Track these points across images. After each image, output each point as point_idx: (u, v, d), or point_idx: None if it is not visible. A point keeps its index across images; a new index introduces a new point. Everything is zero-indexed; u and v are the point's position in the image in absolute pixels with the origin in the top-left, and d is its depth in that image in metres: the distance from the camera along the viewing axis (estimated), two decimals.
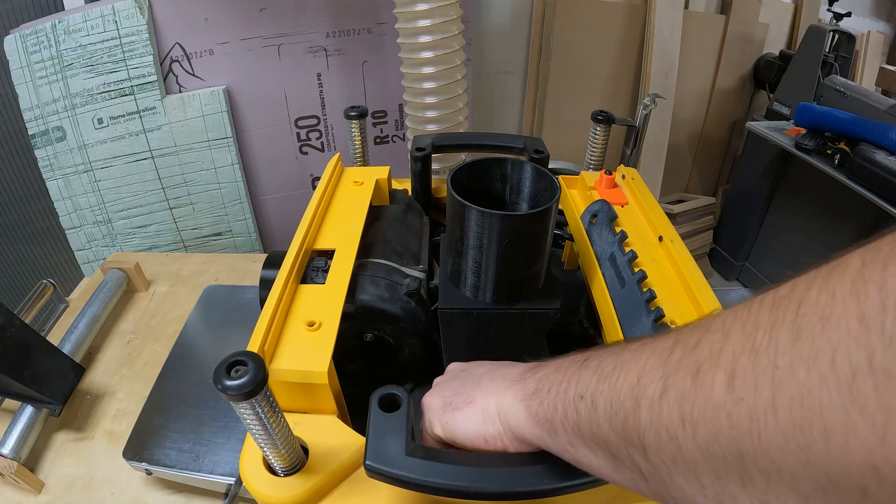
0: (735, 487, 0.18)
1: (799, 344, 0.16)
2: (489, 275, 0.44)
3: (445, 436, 0.34)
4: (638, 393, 0.22)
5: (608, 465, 0.25)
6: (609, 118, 0.64)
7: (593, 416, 0.24)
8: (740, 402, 0.17)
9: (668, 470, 0.21)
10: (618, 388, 0.23)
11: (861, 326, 0.15)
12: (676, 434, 0.20)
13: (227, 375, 0.27)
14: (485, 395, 0.32)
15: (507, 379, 0.32)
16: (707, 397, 0.19)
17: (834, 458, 0.15)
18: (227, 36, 1.10)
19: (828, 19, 1.70)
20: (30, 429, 0.61)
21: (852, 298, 0.15)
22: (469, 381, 0.35)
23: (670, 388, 0.20)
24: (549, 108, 1.51)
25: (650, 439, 0.21)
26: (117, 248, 1.20)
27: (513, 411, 0.30)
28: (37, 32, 1.00)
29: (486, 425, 0.31)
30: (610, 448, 0.24)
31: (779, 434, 0.16)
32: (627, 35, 1.52)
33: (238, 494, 0.55)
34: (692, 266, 0.46)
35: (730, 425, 0.18)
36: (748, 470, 0.18)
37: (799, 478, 0.16)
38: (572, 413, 0.25)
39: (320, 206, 0.54)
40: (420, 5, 0.84)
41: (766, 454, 0.17)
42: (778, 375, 0.17)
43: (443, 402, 0.34)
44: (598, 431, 0.24)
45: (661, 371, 0.21)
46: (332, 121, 1.26)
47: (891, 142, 1.21)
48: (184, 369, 0.69)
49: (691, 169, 1.92)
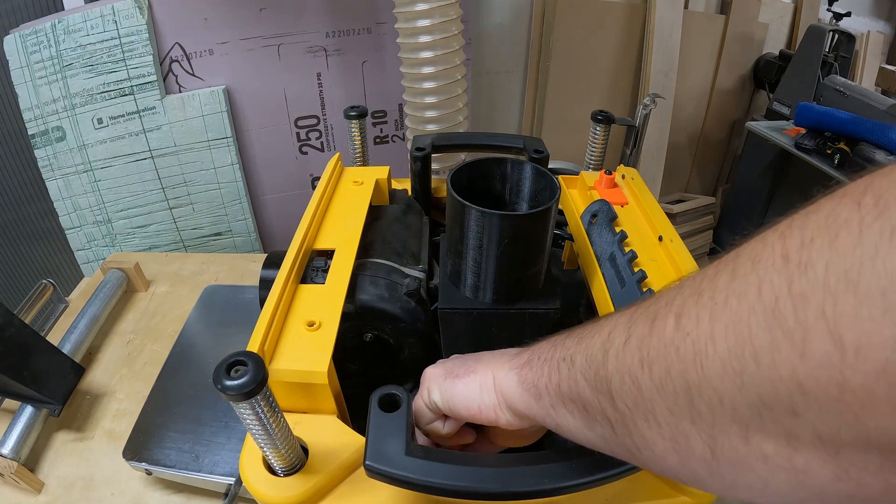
0: (686, 423, 0.20)
1: (734, 282, 0.18)
2: (489, 275, 0.44)
3: (442, 402, 0.35)
4: (607, 345, 0.24)
5: (583, 423, 0.26)
6: (609, 118, 0.64)
7: (571, 372, 0.26)
8: (685, 336, 0.19)
9: (631, 415, 0.22)
10: (592, 344, 0.25)
11: (783, 261, 0.17)
12: (637, 375, 0.22)
13: (227, 375, 0.27)
14: (485, 368, 0.34)
15: (507, 354, 0.33)
16: (660, 337, 0.21)
17: (764, 377, 0.17)
18: (226, 36, 1.10)
19: (828, 19, 1.71)
20: (30, 429, 0.61)
21: (779, 241, 0.17)
22: (472, 357, 0.36)
23: (632, 336, 0.22)
24: (549, 108, 1.51)
25: (616, 385, 0.23)
26: (117, 248, 1.20)
27: (506, 381, 0.31)
28: (36, 32, 1.00)
29: (483, 395, 0.32)
30: (585, 403, 0.25)
31: (717, 362, 0.18)
32: (627, 35, 1.52)
33: (238, 494, 0.55)
34: (692, 266, 0.46)
35: (678, 359, 0.20)
36: (695, 402, 0.19)
37: (738, 404, 0.18)
38: (555, 374, 0.27)
39: (320, 206, 0.54)
40: (420, 5, 0.84)
41: (709, 383, 0.18)
42: (716, 310, 0.19)
43: (444, 371, 0.36)
44: (575, 388, 0.26)
45: (627, 324, 0.23)
46: (332, 121, 1.26)
47: (891, 142, 1.21)
48: (184, 369, 0.69)
49: (691, 169, 1.92)
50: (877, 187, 0.16)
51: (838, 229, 0.16)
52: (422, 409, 0.37)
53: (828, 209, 0.17)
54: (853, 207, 0.16)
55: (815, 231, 0.16)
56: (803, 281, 0.16)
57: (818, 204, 0.17)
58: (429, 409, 0.36)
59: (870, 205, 0.15)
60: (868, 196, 0.16)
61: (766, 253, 0.18)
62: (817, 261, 0.16)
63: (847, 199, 0.16)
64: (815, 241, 0.16)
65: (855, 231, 0.15)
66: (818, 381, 0.15)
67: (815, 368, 0.15)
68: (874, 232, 0.15)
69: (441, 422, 0.37)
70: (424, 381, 0.37)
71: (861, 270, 0.15)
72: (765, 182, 1.66)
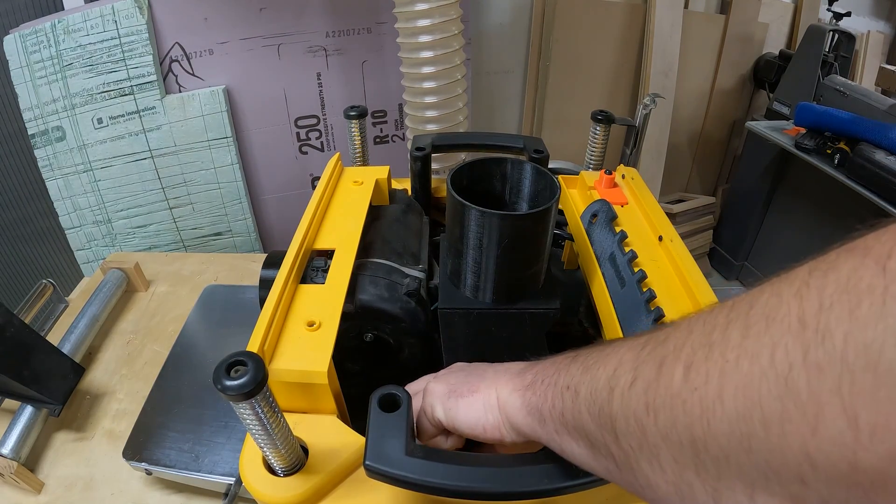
0: (691, 474, 0.20)
1: (746, 340, 0.18)
2: (489, 275, 0.44)
3: (446, 421, 0.34)
4: (613, 382, 0.23)
5: (587, 454, 0.26)
6: (609, 118, 0.64)
7: (575, 404, 0.26)
8: (694, 391, 0.19)
9: (635, 456, 0.22)
10: (597, 378, 0.25)
11: (799, 325, 0.16)
12: (641, 420, 0.21)
13: (227, 375, 0.27)
14: (488, 386, 0.33)
15: (509, 373, 0.33)
16: (667, 386, 0.20)
17: (773, 445, 0.16)
18: (226, 36, 1.10)
19: (828, 19, 1.70)
20: (30, 429, 0.61)
21: (795, 301, 0.16)
22: (474, 374, 0.36)
23: (639, 378, 0.22)
24: (548, 108, 1.51)
25: (621, 425, 0.22)
26: (117, 248, 1.20)
27: (510, 402, 0.31)
28: (36, 32, 1.00)
29: (487, 414, 0.32)
30: (589, 436, 0.25)
31: (725, 422, 0.18)
32: (627, 35, 1.52)
33: (238, 494, 0.55)
34: (692, 266, 0.46)
35: (684, 412, 0.19)
36: (701, 456, 0.19)
37: (744, 465, 0.17)
38: (559, 402, 0.27)
39: (320, 205, 0.54)
40: (420, 5, 0.84)
41: (715, 440, 0.18)
42: (726, 368, 0.18)
43: (447, 388, 0.35)
44: (580, 419, 0.25)
45: (633, 363, 0.23)
46: (332, 120, 1.26)
47: (891, 141, 1.21)
48: (184, 369, 0.69)
49: (691, 169, 1.92)
50: None
51: (861, 297, 0.15)
52: (424, 424, 0.36)
53: (849, 269, 0.15)
54: (877, 272, 0.15)
55: (836, 295, 0.15)
56: (820, 351, 0.15)
57: (837, 258, 0.16)
58: (432, 426, 0.36)
59: (895, 270, 0.14)
60: (894, 260, 0.14)
61: (781, 312, 0.17)
62: (836, 330, 0.15)
63: (870, 261, 0.15)
64: (833, 308, 0.15)
65: (878, 302, 0.14)
66: (829, 458, 0.15)
67: (827, 445, 0.15)
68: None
69: (444, 437, 0.36)
70: (427, 396, 0.36)
71: (883, 348, 0.14)
72: (765, 182, 1.66)
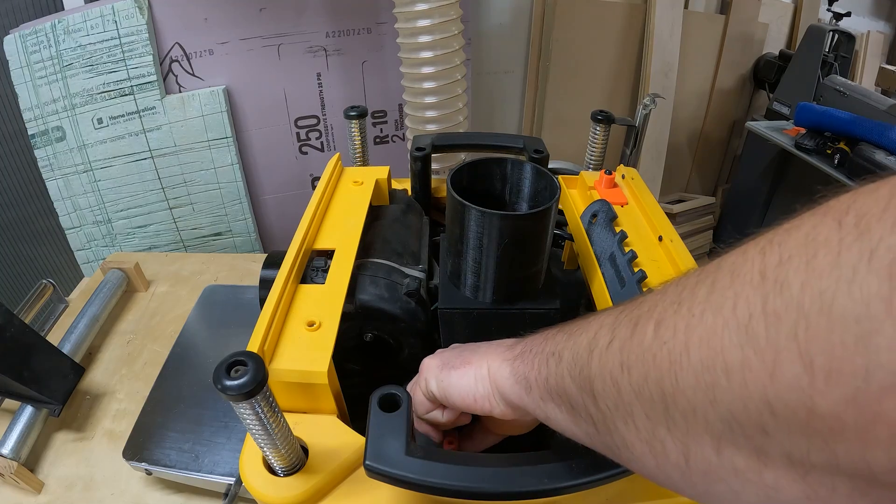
0: (662, 430, 0.20)
1: (712, 295, 0.18)
2: (489, 275, 0.44)
3: (439, 393, 0.36)
4: (592, 345, 0.24)
5: (569, 418, 0.26)
6: (609, 118, 0.64)
7: (559, 369, 0.26)
8: (663, 345, 0.20)
9: (612, 415, 0.23)
10: (579, 342, 0.25)
11: (760, 277, 0.17)
12: (617, 378, 0.22)
13: (227, 375, 0.27)
14: (480, 358, 0.34)
15: (502, 346, 0.34)
16: (639, 343, 0.21)
17: (735, 394, 0.17)
18: (226, 36, 1.10)
19: (828, 19, 1.71)
20: (30, 429, 0.61)
21: (759, 256, 0.17)
22: (468, 349, 0.37)
23: (615, 338, 0.23)
24: (549, 108, 1.51)
25: (598, 385, 0.23)
26: (117, 248, 1.20)
27: (500, 372, 0.32)
28: (36, 32, 1.00)
29: (477, 385, 0.33)
30: (570, 400, 0.26)
31: (691, 373, 0.18)
32: (627, 35, 1.52)
33: (238, 494, 0.55)
34: (692, 266, 0.46)
35: (655, 366, 0.20)
36: (670, 410, 0.19)
37: (710, 417, 0.18)
38: (543, 368, 0.28)
39: (320, 206, 0.54)
40: (420, 5, 0.84)
41: (683, 394, 0.19)
42: (692, 322, 0.19)
43: (441, 362, 0.37)
44: (562, 383, 0.26)
45: (612, 326, 0.23)
46: (332, 121, 1.26)
47: (890, 142, 1.21)
48: (184, 369, 0.69)
49: (691, 169, 1.92)
50: (860, 206, 0.15)
51: (817, 249, 0.15)
52: (420, 398, 0.38)
53: (809, 226, 0.16)
54: (834, 227, 0.15)
55: (794, 249, 0.16)
56: (777, 300, 0.16)
57: (801, 219, 0.17)
58: (427, 399, 0.37)
59: (851, 224, 0.15)
60: (850, 215, 0.15)
61: (745, 268, 0.17)
62: (793, 280, 0.15)
63: (829, 218, 0.16)
64: (792, 260, 0.16)
65: (833, 252, 0.15)
66: (787, 404, 0.15)
67: (785, 391, 0.15)
68: (853, 254, 0.14)
69: (440, 411, 0.37)
70: (422, 371, 0.38)
71: (836, 294, 0.14)
72: (765, 182, 1.66)
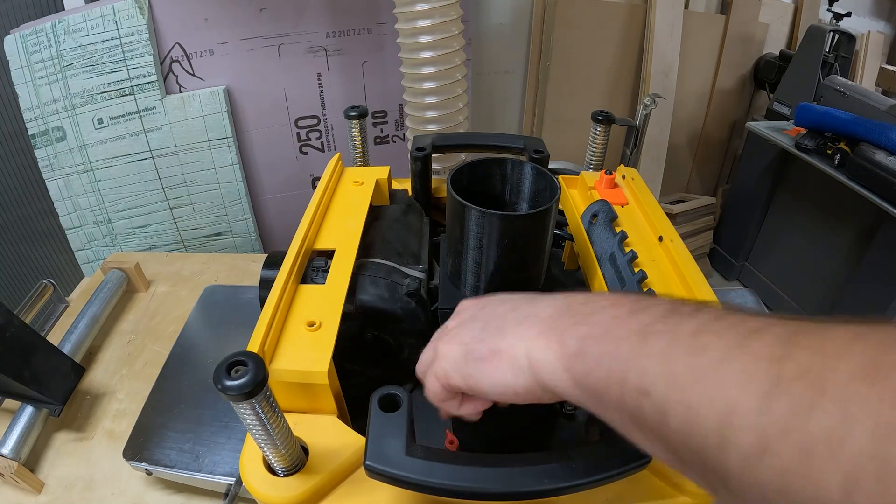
0: None
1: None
2: (489, 275, 0.44)
3: (466, 387, 0.30)
4: (727, 433, 0.19)
5: (668, 459, 0.23)
6: (609, 118, 0.64)
7: (662, 421, 0.21)
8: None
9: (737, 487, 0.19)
10: (700, 412, 0.20)
11: None
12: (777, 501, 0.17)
13: (227, 375, 0.27)
14: (512, 343, 0.28)
15: (537, 323, 0.28)
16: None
17: None
18: (227, 36, 1.10)
19: (828, 19, 1.70)
20: (30, 429, 0.61)
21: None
22: (491, 325, 0.31)
23: (771, 453, 0.17)
24: (549, 108, 1.51)
25: (735, 485, 0.19)
26: (117, 248, 1.20)
27: (549, 369, 0.26)
28: (37, 32, 1.00)
29: (517, 379, 0.28)
30: (678, 453, 0.21)
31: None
32: (627, 35, 1.52)
33: (238, 494, 0.55)
34: (692, 266, 0.46)
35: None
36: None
37: None
38: (632, 403, 0.23)
39: (320, 206, 0.54)
40: (420, 5, 0.84)
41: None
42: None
43: (463, 350, 0.31)
44: (667, 435, 0.21)
45: (754, 418, 0.18)
46: (332, 121, 1.26)
47: (891, 142, 1.21)
48: (184, 369, 0.68)
49: (691, 169, 1.92)
50: None
51: None
52: (435, 388, 0.33)
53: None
54: None
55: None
56: None
57: None
58: (444, 390, 0.32)
59: None
60: None
61: None
62: None
63: None
64: None
65: None
66: None
67: None
68: None
69: (456, 402, 0.33)
70: (438, 361, 0.32)
71: None
72: (765, 182, 1.66)
